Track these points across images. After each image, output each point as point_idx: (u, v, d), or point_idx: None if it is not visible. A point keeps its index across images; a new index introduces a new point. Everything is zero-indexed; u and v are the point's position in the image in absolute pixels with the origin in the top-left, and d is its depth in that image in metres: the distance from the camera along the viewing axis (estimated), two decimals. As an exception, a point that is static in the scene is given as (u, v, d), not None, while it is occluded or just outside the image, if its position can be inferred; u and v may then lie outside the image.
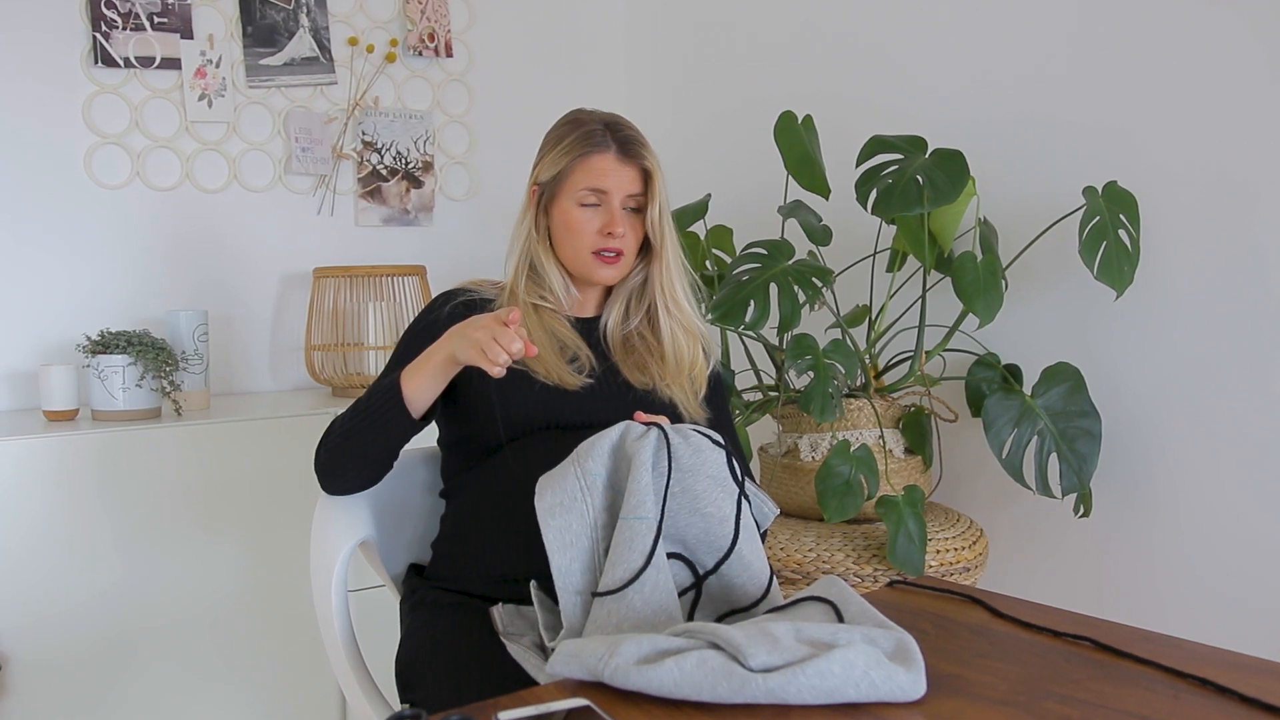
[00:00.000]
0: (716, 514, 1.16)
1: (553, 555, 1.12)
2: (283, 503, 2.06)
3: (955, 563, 1.84)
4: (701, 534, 1.16)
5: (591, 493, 1.15)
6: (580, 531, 1.14)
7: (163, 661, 1.96)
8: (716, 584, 1.16)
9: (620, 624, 1.05)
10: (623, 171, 1.40)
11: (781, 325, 1.89)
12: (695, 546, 1.16)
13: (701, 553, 1.16)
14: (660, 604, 1.08)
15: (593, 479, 1.16)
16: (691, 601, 1.16)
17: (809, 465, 1.93)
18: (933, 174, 1.78)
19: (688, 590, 1.16)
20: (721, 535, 1.16)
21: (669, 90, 2.93)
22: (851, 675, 0.85)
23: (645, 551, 1.09)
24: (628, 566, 1.08)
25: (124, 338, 2.01)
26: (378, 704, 1.35)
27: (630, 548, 1.09)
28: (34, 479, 1.84)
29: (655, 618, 1.06)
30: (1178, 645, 1.02)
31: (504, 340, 1.20)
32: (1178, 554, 1.86)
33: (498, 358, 1.20)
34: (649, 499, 1.11)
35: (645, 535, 1.09)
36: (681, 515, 1.16)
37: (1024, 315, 2.03)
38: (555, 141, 1.44)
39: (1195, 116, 1.79)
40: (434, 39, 2.68)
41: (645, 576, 1.08)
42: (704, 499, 1.16)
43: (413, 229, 2.69)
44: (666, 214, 1.45)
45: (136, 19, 2.30)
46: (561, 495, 1.15)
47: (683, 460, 1.16)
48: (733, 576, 1.16)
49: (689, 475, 1.16)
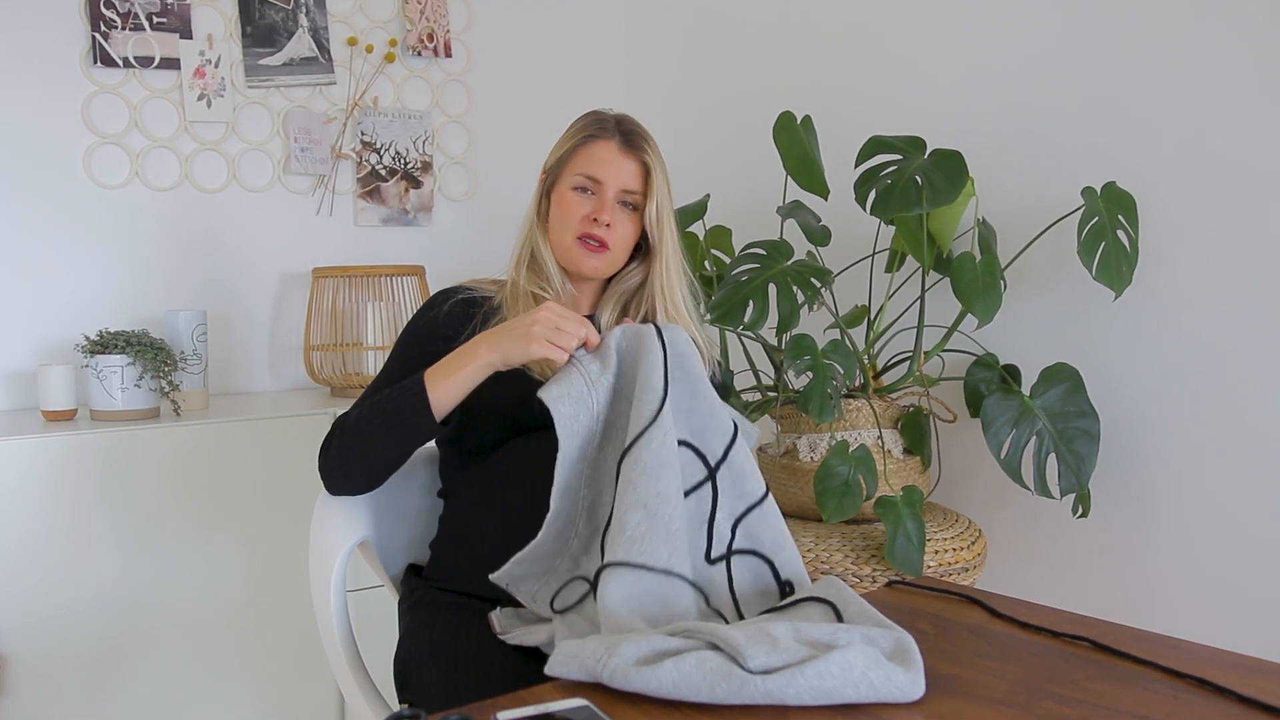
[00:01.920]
0: (714, 397, 1.22)
1: (564, 438, 1.17)
2: (281, 503, 2.06)
3: (954, 563, 1.84)
4: (707, 416, 1.21)
5: (596, 390, 1.20)
6: (587, 424, 1.19)
7: (162, 661, 1.96)
8: (728, 474, 1.20)
9: (635, 482, 1.10)
10: (622, 163, 1.40)
11: (780, 325, 1.89)
12: (702, 431, 1.20)
13: (709, 437, 1.20)
14: (666, 459, 1.13)
15: (595, 378, 1.20)
16: (711, 499, 1.18)
17: (808, 465, 1.93)
18: (931, 174, 1.78)
19: (702, 484, 1.19)
20: (722, 419, 1.21)
21: (667, 90, 2.93)
22: (850, 676, 0.85)
23: (653, 414, 1.15)
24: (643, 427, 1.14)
25: (123, 338, 2.01)
26: (376, 704, 1.35)
27: (641, 415, 1.15)
28: (33, 479, 1.84)
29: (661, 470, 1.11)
30: (1176, 645, 1.02)
31: (570, 328, 1.20)
32: (1176, 554, 1.86)
33: (569, 344, 1.19)
34: (656, 373, 1.18)
35: (652, 404, 1.16)
36: (685, 399, 1.20)
37: (1023, 316, 2.03)
38: (567, 131, 1.46)
39: (1194, 117, 1.80)
40: (433, 39, 2.68)
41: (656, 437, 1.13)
42: (702, 380, 1.21)
43: (412, 229, 2.70)
44: (666, 213, 1.44)
45: (135, 19, 2.30)
46: (567, 387, 1.19)
47: (679, 345, 1.21)
48: (741, 462, 1.20)
49: (686, 359, 1.21)
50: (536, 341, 1.19)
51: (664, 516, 1.09)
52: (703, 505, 1.18)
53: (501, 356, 1.23)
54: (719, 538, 1.17)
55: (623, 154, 1.40)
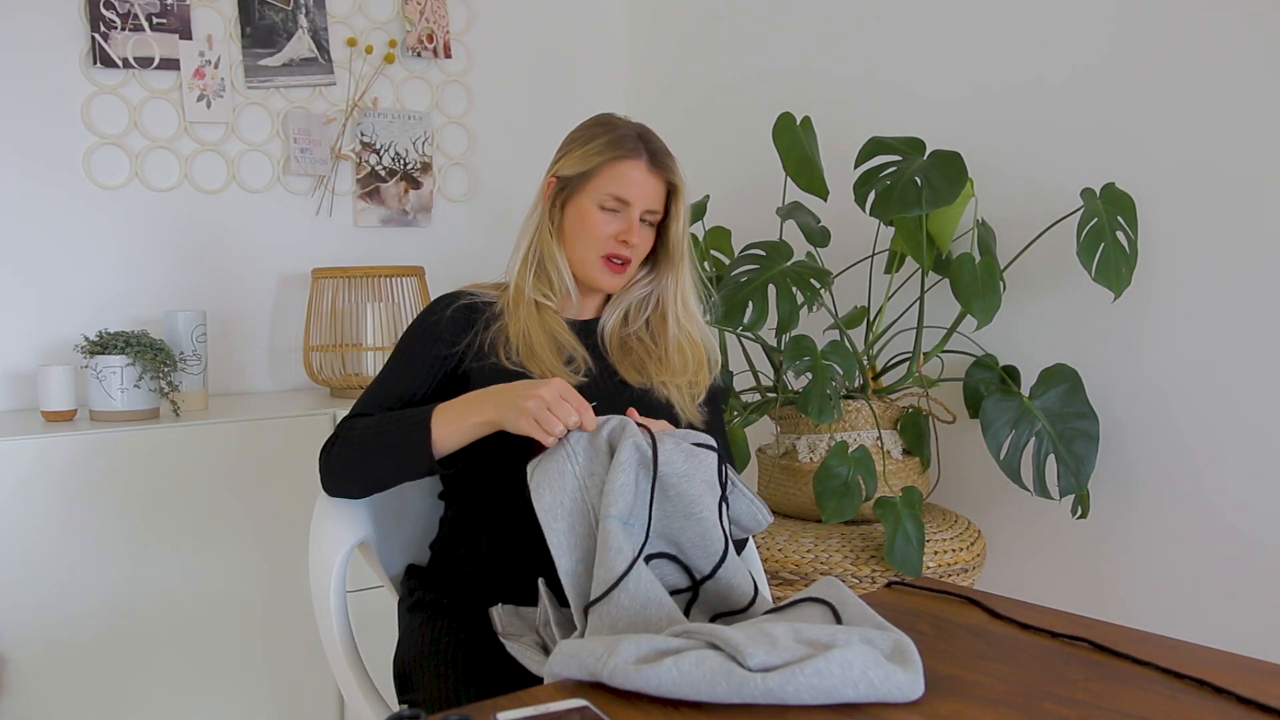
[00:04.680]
0: (710, 518, 1.16)
1: (559, 560, 1.12)
2: (281, 503, 2.06)
3: (953, 564, 1.84)
4: (696, 538, 1.16)
5: (591, 492, 1.15)
6: (585, 533, 1.13)
7: (162, 661, 1.96)
8: (713, 588, 1.16)
9: (615, 624, 1.05)
10: (649, 183, 1.40)
11: (780, 326, 1.89)
12: (690, 550, 1.16)
13: (696, 557, 1.16)
14: (648, 595, 1.07)
15: (591, 477, 1.15)
16: (687, 601, 1.16)
17: (807, 466, 1.94)
18: (931, 175, 1.78)
19: (683, 592, 1.16)
20: (715, 540, 1.16)
21: (667, 91, 2.93)
22: (850, 675, 0.85)
23: (621, 550, 1.08)
24: (610, 569, 1.07)
25: (122, 338, 2.01)
26: (376, 704, 1.35)
27: (606, 548, 1.08)
28: (32, 480, 1.84)
29: (646, 609, 1.06)
30: (1175, 646, 1.02)
31: (561, 413, 1.17)
32: (1175, 555, 1.86)
33: (553, 429, 1.17)
34: (620, 499, 1.11)
35: (617, 533, 1.09)
36: (675, 519, 1.16)
37: (1022, 317, 2.03)
38: (585, 140, 1.42)
39: (1194, 117, 1.80)
40: (433, 40, 2.69)
41: (630, 577, 1.07)
42: (699, 504, 1.16)
43: (411, 230, 2.70)
44: (687, 230, 1.46)
45: (135, 20, 2.30)
46: (561, 495, 1.15)
47: (677, 465, 1.16)
48: (730, 577, 1.16)
49: (684, 480, 1.16)
50: (525, 418, 1.18)
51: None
52: (679, 605, 1.14)
53: (500, 418, 1.22)
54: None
55: (650, 174, 1.40)
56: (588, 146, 1.41)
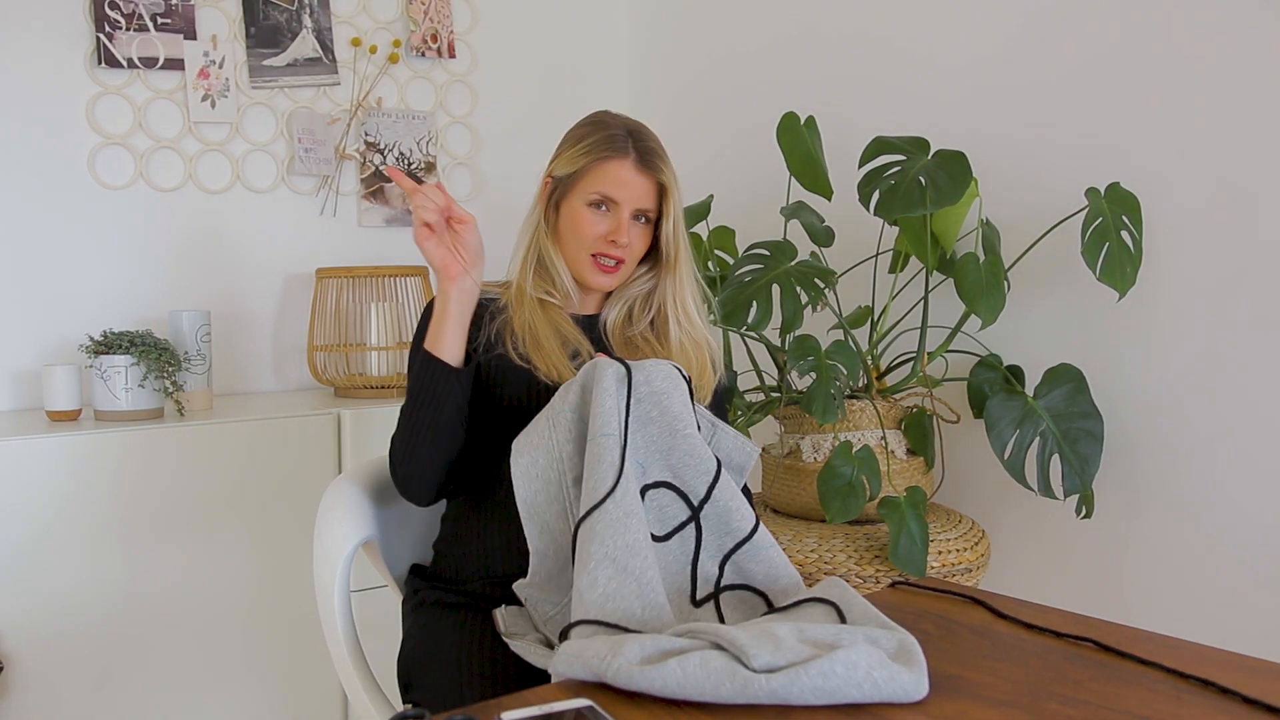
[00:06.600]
0: (696, 436, 1.19)
1: (518, 489, 1.17)
2: (285, 503, 2.06)
3: (957, 564, 1.84)
4: (686, 455, 1.18)
5: (556, 428, 1.18)
6: (547, 466, 1.17)
7: (165, 661, 1.96)
8: (712, 513, 1.17)
9: (601, 535, 1.07)
10: (638, 182, 1.40)
11: (784, 326, 1.89)
12: (683, 471, 1.17)
13: (690, 477, 1.18)
14: (630, 508, 1.09)
15: (557, 414, 1.19)
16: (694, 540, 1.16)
17: (811, 466, 1.93)
18: (935, 175, 1.78)
19: (684, 525, 1.17)
20: (706, 457, 1.18)
21: (671, 91, 2.93)
22: (854, 676, 0.85)
23: (614, 462, 1.11)
24: (601, 478, 1.10)
25: (127, 338, 2.02)
26: (380, 704, 1.35)
27: (600, 461, 1.12)
28: (36, 479, 1.84)
29: (627, 519, 1.08)
30: (1180, 646, 1.02)
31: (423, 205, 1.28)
32: (1180, 555, 1.85)
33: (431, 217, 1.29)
34: (611, 419, 1.14)
35: (612, 449, 1.12)
36: (664, 438, 1.18)
37: (1026, 316, 2.03)
38: (576, 140, 1.43)
39: (1198, 117, 1.79)
40: (437, 40, 2.69)
41: (619, 489, 1.10)
42: (681, 420, 1.18)
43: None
44: (680, 228, 1.45)
45: (140, 20, 2.30)
46: (531, 435, 1.19)
47: (656, 383, 1.19)
48: (727, 499, 1.17)
49: (665, 397, 1.18)
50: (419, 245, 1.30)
51: (634, 569, 1.06)
52: (686, 546, 1.16)
53: (442, 290, 1.32)
54: (704, 578, 1.15)
55: (639, 173, 1.40)
56: (577, 146, 1.42)
